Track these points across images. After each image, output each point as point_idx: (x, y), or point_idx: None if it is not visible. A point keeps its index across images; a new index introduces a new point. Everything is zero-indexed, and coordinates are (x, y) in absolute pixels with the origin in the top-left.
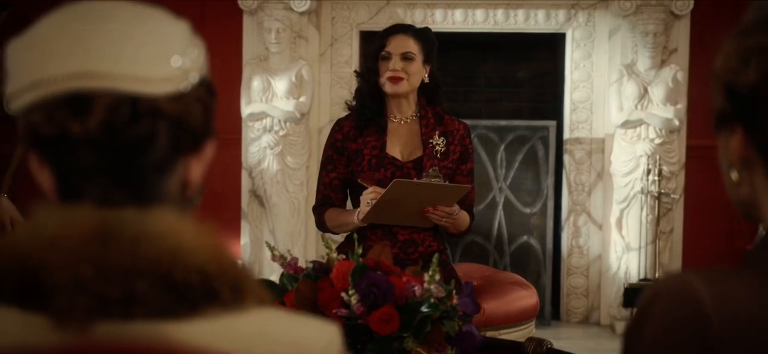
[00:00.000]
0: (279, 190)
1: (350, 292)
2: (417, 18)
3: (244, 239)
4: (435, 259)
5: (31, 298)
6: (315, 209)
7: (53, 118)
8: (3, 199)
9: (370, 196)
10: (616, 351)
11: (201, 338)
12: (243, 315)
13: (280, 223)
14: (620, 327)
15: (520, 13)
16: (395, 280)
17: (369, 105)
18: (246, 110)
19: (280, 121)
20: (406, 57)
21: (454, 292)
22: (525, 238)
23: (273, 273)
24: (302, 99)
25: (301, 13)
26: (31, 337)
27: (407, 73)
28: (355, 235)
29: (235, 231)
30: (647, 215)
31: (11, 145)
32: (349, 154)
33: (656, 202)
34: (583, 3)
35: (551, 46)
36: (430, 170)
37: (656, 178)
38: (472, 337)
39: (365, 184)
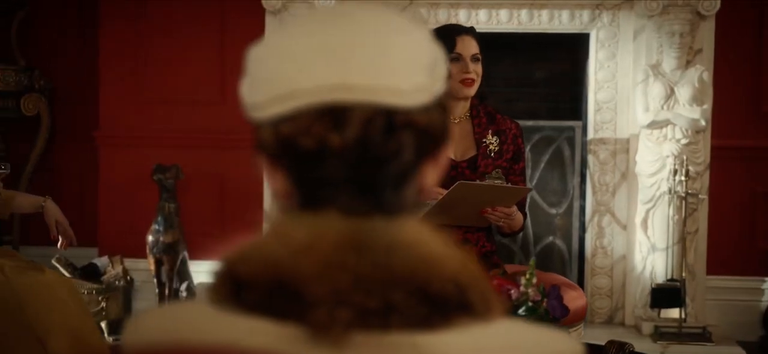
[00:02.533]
0: None
1: None
2: (440, 18)
3: None
4: (532, 262)
5: (284, 308)
6: None
7: (312, 130)
8: (48, 201)
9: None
10: (641, 350)
11: (455, 349)
12: (491, 325)
13: None
14: (646, 327)
15: (545, 13)
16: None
17: None
18: None
19: None
20: (476, 58)
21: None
22: (550, 238)
23: None
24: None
25: None
26: (285, 348)
27: (477, 74)
28: None
29: (257, 232)
30: (674, 215)
31: (29, 146)
32: None
33: (683, 202)
34: (608, 3)
35: (569, 46)
36: (493, 172)
37: (683, 178)
38: None
39: None
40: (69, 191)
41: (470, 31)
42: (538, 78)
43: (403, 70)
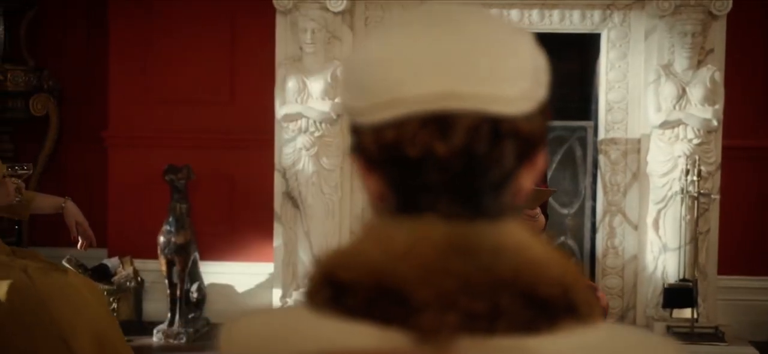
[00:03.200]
0: (315, 192)
1: None
2: None
3: (278, 241)
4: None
5: (387, 313)
6: None
7: (417, 138)
8: (68, 202)
9: None
10: None
11: (562, 353)
12: (595, 329)
13: (315, 225)
14: (658, 327)
15: (556, 13)
16: None
17: None
18: (281, 111)
19: (315, 122)
20: None
21: None
22: (561, 238)
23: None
24: (337, 100)
25: (336, 13)
26: (389, 351)
27: None
28: None
29: (268, 233)
30: (685, 215)
31: (38, 146)
32: None
33: (695, 202)
34: (619, 3)
35: (578, 46)
36: None
37: (695, 178)
38: None
39: None
40: (77, 191)
41: None
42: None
43: (511, 78)
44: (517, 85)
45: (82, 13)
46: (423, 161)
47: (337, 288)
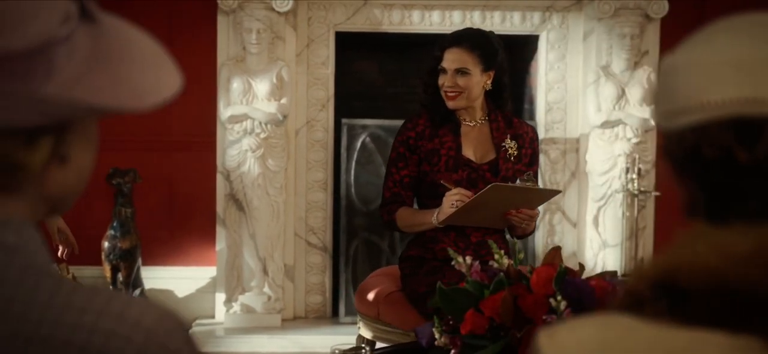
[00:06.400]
0: (260, 194)
1: (558, 297)
2: (394, 19)
3: (220, 245)
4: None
5: (737, 320)
6: (383, 208)
7: (716, 142)
8: None
9: (454, 197)
10: None
11: None
12: None
13: (260, 228)
14: None
15: (497, 14)
16: (593, 284)
17: (439, 112)
18: (226, 112)
19: (261, 123)
20: (461, 71)
21: None
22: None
23: (253, 279)
24: (283, 101)
25: (280, 13)
26: None
27: (463, 87)
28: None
29: (209, 236)
30: (625, 212)
31: None
32: (424, 153)
33: (634, 199)
34: (558, 5)
35: (517, 47)
36: (525, 175)
37: (635, 176)
38: None
39: (447, 185)
40: None
41: (463, 42)
42: None
43: None
44: None
45: None
46: (725, 164)
47: (675, 296)
